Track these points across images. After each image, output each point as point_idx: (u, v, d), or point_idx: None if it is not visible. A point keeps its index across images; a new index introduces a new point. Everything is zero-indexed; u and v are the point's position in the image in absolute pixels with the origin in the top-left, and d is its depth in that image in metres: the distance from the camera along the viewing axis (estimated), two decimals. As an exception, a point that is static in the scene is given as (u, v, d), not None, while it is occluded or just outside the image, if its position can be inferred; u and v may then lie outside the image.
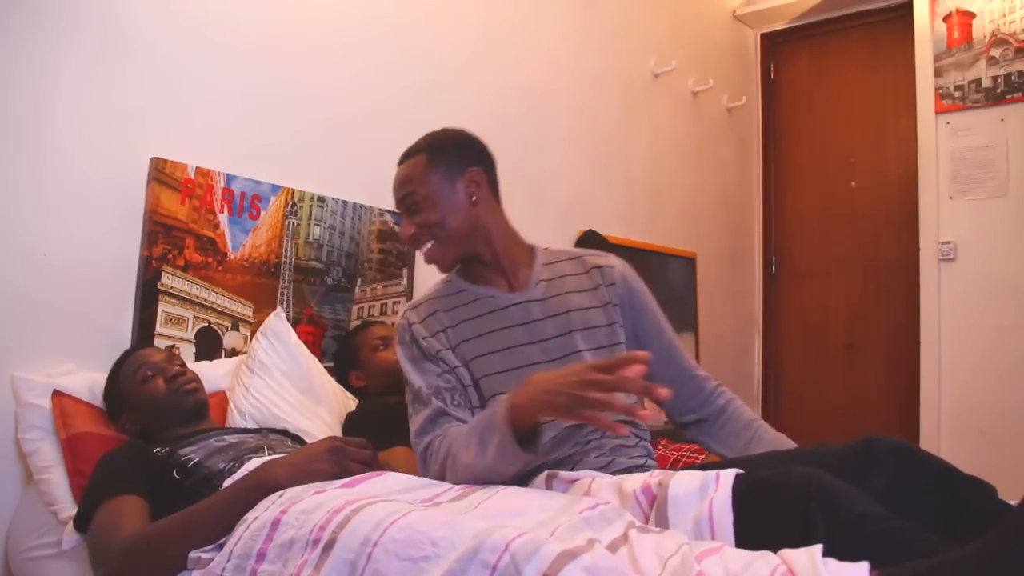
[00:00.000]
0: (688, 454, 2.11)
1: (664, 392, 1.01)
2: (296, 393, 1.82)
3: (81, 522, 1.28)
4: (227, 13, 1.96)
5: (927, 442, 3.16)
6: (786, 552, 0.88)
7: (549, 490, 1.18)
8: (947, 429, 3.15)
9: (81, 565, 1.35)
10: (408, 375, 1.37)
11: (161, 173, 1.80)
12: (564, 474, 1.21)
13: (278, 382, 1.80)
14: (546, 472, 1.23)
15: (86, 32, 1.70)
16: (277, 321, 1.88)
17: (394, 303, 2.34)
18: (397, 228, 2.34)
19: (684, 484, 1.07)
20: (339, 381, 2.03)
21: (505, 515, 0.97)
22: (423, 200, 1.39)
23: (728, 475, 1.06)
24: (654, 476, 1.12)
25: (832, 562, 0.85)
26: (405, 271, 2.37)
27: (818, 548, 0.87)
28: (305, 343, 2.07)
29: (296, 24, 2.12)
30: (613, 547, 0.90)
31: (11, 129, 1.60)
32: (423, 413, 1.32)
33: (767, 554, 0.88)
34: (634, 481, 1.12)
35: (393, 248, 2.34)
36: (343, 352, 2.09)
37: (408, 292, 2.37)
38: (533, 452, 1.14)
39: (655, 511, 1.06)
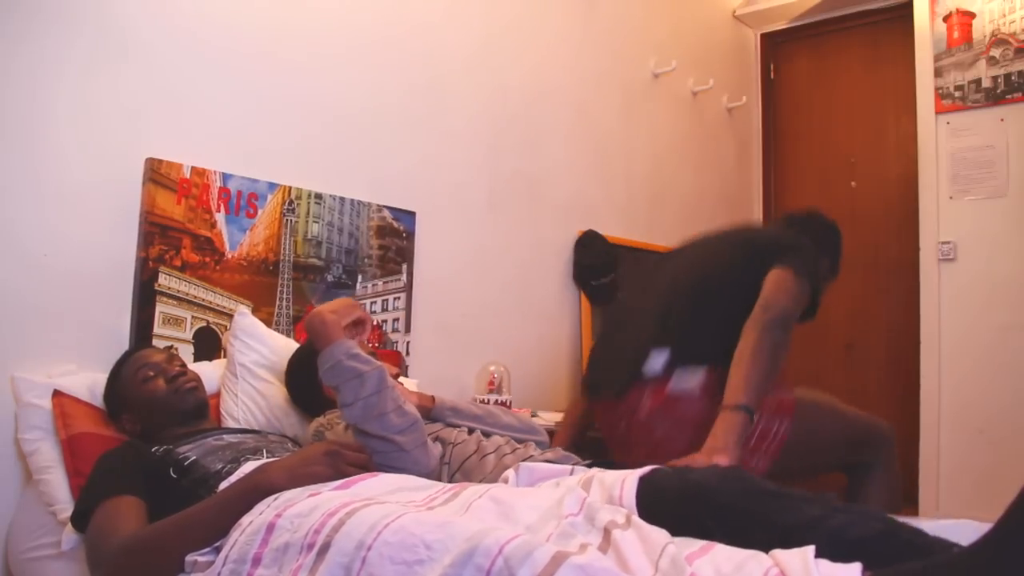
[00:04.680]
0: None
1: None
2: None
3: (78, 520, 1.28)
4: (223, 13, 1.97)
5: (927, 441, 3.16)
6: (778, 553, 0.88)
7: (530, 486, 1.20)
8: (947, 428, 3.15)
9: (81, 565, 1.36)
10: None
11: (156, 173, 1.80)
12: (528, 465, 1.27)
13: (263, 380, 1.80)
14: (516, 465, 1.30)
15: (82, 33, 1.71)
16: (242, 319, 1.84)
17: (395, 299, 2.34)
18: (396, 224, 2.34)
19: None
20: None
21: (497, 518, 0.97)
22: None
23: (631, 486, 1.09)
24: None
25: (824, 563, 0.85)
26: (404, 267, 2.37)
27: (810, 549, 0.87)
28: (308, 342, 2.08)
29: (293, 23, 2.12)
30: (600, 550, 0.90)
31: (8, 130, 1.61)
32: None
33: (759, 554, 0.89)
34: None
35: (392, 244, 2.34)
36: None
37: (408, 287, 2.37)
38: None
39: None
